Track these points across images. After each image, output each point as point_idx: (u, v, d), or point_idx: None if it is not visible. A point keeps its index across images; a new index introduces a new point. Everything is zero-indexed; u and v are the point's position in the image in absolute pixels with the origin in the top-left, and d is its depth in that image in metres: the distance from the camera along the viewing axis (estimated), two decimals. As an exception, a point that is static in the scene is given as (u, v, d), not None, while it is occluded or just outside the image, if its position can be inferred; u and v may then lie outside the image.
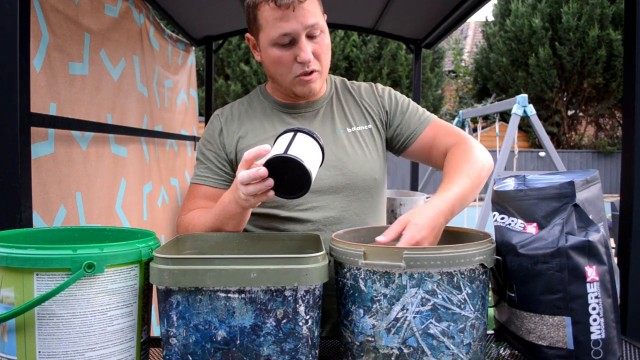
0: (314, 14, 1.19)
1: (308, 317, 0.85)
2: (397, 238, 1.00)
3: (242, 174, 1.00)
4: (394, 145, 1.38)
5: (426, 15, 2.74)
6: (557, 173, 1.08)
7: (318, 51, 1.23)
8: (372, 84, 1.43)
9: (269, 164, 0.98)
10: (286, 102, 1.35)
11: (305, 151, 0.99)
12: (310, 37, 1.21)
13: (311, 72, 1.24)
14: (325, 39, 1.24)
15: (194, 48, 3.20)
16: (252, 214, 1.30)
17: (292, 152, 0.97)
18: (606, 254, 0.96)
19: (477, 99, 15.98)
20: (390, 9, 2.67)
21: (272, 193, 1.01)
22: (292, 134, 1.03)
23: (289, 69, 1.23)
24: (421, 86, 3.40)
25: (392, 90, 1.42)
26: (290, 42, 1.20)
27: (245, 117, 1.35)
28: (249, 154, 1.01)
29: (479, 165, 1.20)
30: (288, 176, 0.98)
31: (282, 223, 1.29)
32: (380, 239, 0.98)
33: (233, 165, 1.33)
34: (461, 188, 1.12)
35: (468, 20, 4.53)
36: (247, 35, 1.31)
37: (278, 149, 1.00)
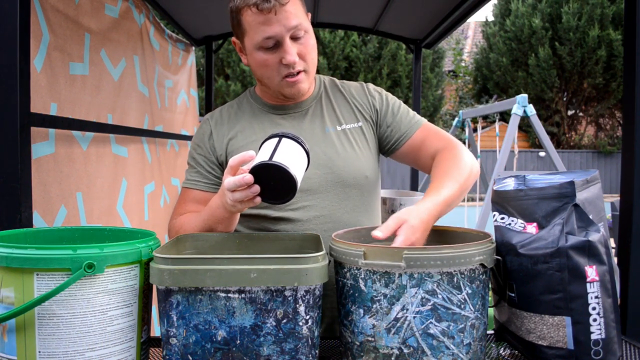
0: (297, 15, 1.19)
1: (308, 317, 0.85)
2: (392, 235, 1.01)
3: (228, 180, 1.00)
4: (384, 146, 1.38)
5: (426, 15, 2.74)
6: (557, 173, 1.08)
7: (303, 52, 1.23)
8: (364, 83, 1.43)
9: (254, 171, 0.98)
10: (275, 104, 1.35)
11: (290, 157, 1.00)
12: (295, 38, 1.21)
13: (298, 73, 1.24)
14: (310, 39, 1.24)
15: (194, 48, 3.20)
16: (242, 215, 1.30)
17: (277, 159, 0.97)
18: (606, 254, 0.96)
19: (477, 99, 15.98)
20: (390, 9, 2.67)
21: (258, 199, 1.02)
22: (276, 139, 1.03)
23: (276, 72, 1.24)
24: (421, 86, 3.39)
25: (384, 92, 1.42)
26: (275, 44, 1.20)
27: (235, 119, 1.35)
28: (234, 160, 1.02)
29: (467, 170, 1.22)
30: (274, 182, 0.99)
31: (272, 223, 1.29)
32: (376, 233, 1.00)
33: (223, 168, 1.33)
34: (450, 191, 1.14)
35: (468, 20, 4.53)
36: (233, 39, 1.31)
37: (263, 155, 1.00)
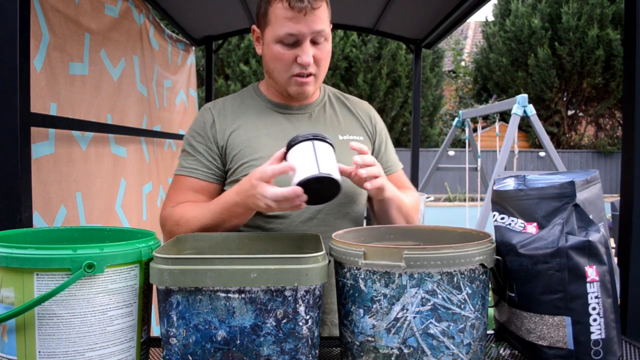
0: (323, 21, 1.23)
1: (308, 317, 0.85)
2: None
3: (273, 192, 1.05)
4: None
5: (426, 15, 2.74)
6: (557, 173, 1.08)
7: (319, 57, 1.26)
8: (370, 105, 1.50)
9: (303, 184, 1.03)
10: (280, 102, 1.37)
11: (329, 160, 1.06)
12: (315, 42, 1.25)
13: (308, 76, 1.27)
14: (327, 46, 1.28)
15: (193, 48, 3.20)
16: None
17: (323, 169, 1.03)
18: (606, 254, 0.96)
19: (477, 99, 15.98)
20: (390, 9, 2.67)
21: (303, 205, 1.07)
22: (309, 143, 1.07)
23: (288, 68, 1.26)
24: (421, 86, 3.39)
25: (383, 123, 1.50)
26: (295, 43, 1.23)
27: (238, 112, 1.36)
28: (273, 171, 1.06)
29: (417, 208, 1.40)
30: (319, 189, 1.05)
31: (266, 221, 1.29)
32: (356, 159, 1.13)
33: (222, 159, 1.33)
34: (403, 197, 1.30)
35: (468, 20, 4.53)
36: (253, 27, 1.33)
37: (307, 165, 1.04)
